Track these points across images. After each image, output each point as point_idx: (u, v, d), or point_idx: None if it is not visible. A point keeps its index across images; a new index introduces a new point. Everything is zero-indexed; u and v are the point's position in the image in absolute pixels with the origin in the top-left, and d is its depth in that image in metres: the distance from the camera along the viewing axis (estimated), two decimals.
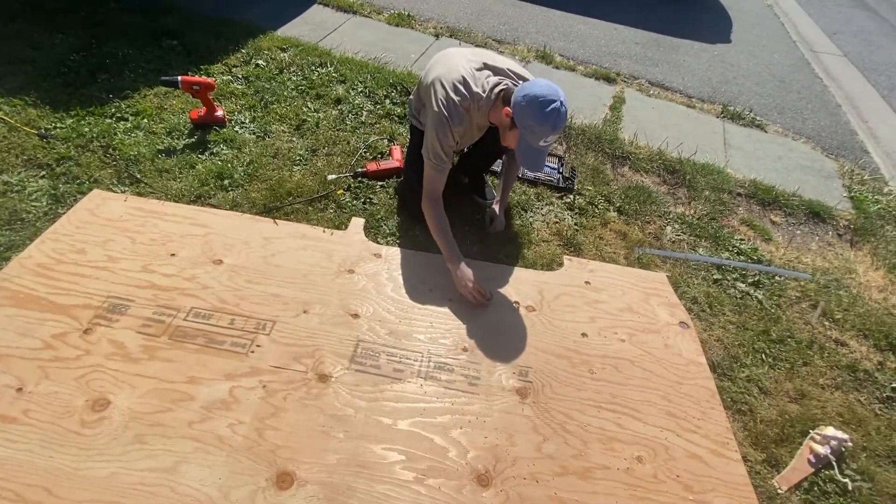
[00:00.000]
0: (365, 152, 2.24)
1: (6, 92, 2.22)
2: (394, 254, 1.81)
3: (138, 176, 1.95)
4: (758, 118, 3.18)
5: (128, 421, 1.24)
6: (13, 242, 1.64)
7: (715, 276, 1.97)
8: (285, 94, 2.51)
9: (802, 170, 2.78)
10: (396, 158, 2.16)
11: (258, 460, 1.21)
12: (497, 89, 1.56)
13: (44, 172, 1.91)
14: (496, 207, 1.95)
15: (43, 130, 2.06)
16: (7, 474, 1.12)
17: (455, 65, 1.59)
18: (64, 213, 1.75)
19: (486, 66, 1.61)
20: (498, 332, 1.60)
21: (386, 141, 2.33)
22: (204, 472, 1.17)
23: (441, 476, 1.24)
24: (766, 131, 3.10)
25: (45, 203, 1.80)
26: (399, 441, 1.29)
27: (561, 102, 1.41)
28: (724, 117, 3.14)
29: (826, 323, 1.88)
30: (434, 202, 1.66)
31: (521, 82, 1.58)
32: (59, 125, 2.11)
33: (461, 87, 1.54)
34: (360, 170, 2.10)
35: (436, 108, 1.55)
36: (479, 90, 1.55)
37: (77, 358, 1.35)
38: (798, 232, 2.35)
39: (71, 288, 1.51)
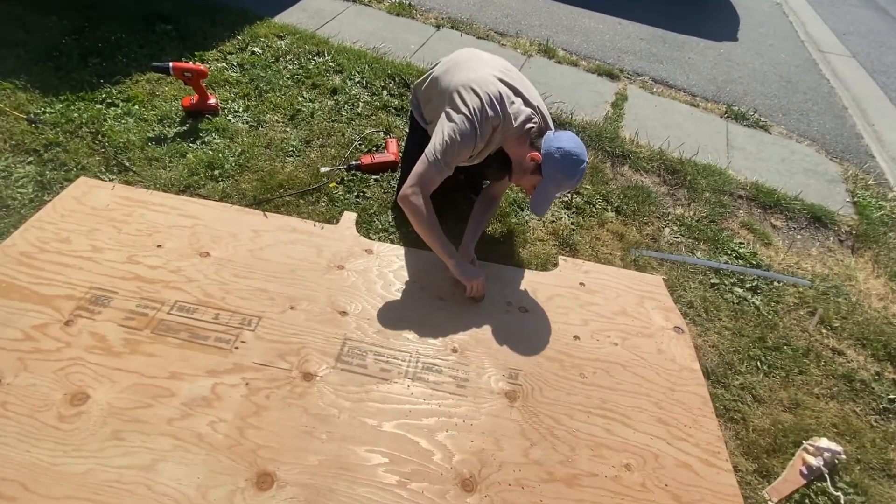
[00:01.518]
0: (360, 145, 2.20)
1: None
2: (386, 250, 1.77)
3: (127, 164, 1.91)
4: (762, 119, 3.13)
5: (106, 416, 1.21)
6: None
7: (712, 281, 1.94)
8: (280, 83, 2.46)
9: (805, 173, 2.73)
10: (392, 152, 2.12)
11: (238, 460, 1.18)
12: (528, 126, 1.49)
13: (31, 158, 1.87)
14: (468, 249, 1.72)
15: (32, 115, 2.02)
16: None
17: (488, 75, 1.49)
18: (50, 200, 1.72)
19: (518, 94, 1.52)
20: (488, 333, 1.57)
21: (382, 133, 2.29)
22: (182, 471, 1.15)
23: (425, 480, 1.21)
24: (769, 133, 3.05)
25: (31, 190, 1.76)
26: (383, 443, 1.27)
27: (587, 163, 1.48)
28: (727, 117, 3.08)
29: (824, 331, 1.85)
30: (425, 198, 1.54)
31: (546, 123, 1.54)
32: (48, 110, 2.07)
33: (497, 105, 1.45)
34: (354, 163, 2.06)
35: (467, 114, 1.43)
36: (512, 114, 1.48)
37: (57, 350, 1.32)
38: (799, 237, 2.31)
39: (54, 278, 1.48)
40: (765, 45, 4.21)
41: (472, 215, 1.80)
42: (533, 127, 1.50)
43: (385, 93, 2.55)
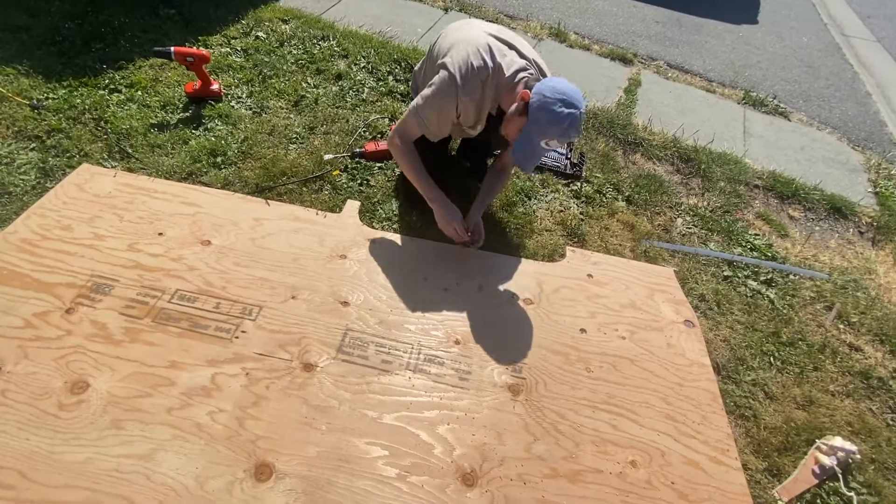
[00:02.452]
0: (364, 132, 2.16)
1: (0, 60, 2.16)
2: (389, 240, 1.74)
3: (129, 150, 1.89)
4: (781, 105, 3.02)
5: (106, 405, 1.21)
6: None
7: (725, 273, 1.88)
8: (285, 68, 2.42)
9: (826, 162, 2.63)
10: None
11: (237, 450, 1.17)
12: (522, 75, 1.41)
13: (34, 145, 1.86)
14: (471, 216, 1.68)
15: (35, 101, 2.00)
16: None
17: (477, 34, 1.45)
18: (52, 187, 1.71)
19: (511, 48, 1.45)
20: (492, 325, 1.54)
21: (387, 120, 2.24)
22: (181, 461, 1.14)
23: (425, 473, 1.20)
24: (789, 120, 2.94)
25: (33, 176, 1.75)
26: (383, 435, 1.25)
27: (581, 113, 1.33)
28: (745, 104, 2.98)
29: (841, 326, 1.79)
30: (407, 145, 1.54)
31: (543, 74, 1.46)
32: (51, 96, 2.05)
33: (484, 55, 1.39)
34: (358, 150, 2.02)
35: (451, 69, 1.38)
36: (504, 65, 1.40)
37: (58, 338, 1.31)
38: (817, 228, 2.23)
39: (55, 265, 1.47)
40: (786, 28, 4.06)
41: (482, 186, 1.78)
42: (527, 77, 1.41)
43: (391, 78, 2.49)
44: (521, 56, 1.46)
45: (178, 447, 1.16)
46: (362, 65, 2.53)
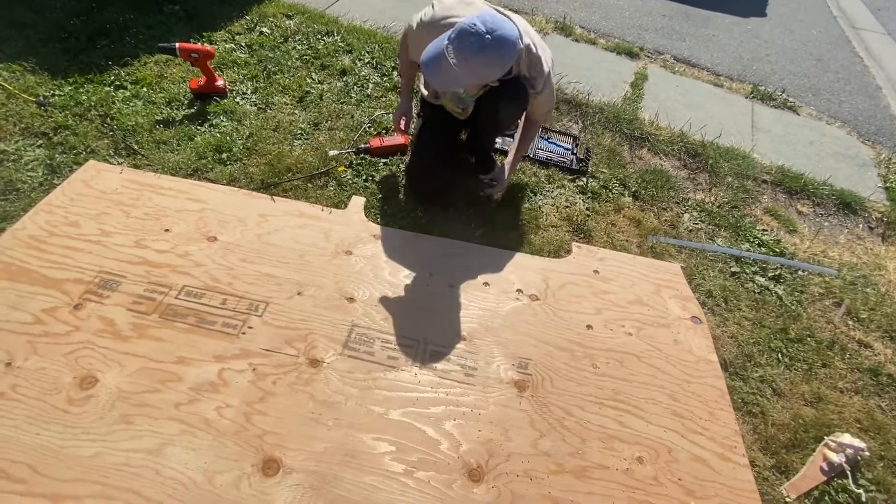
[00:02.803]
0: (369, 127, 2.15)
1: (6, 57, 2.17)
2: (394, 236, 1.74)
3: (135, 147, 1.90)
4: (790, 99, 2.98)
5: (114, 400, 1.22)
6: (7, 213, 1.61)
7: (733, 269, 1.86)
8: (289, 63, 2.41)
9: (835, 156, 2.60)
10: (402, 135, 2.06)
11: (244, 445, 1.18)
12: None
13: (41, 141, 1.87)
14: (505, 169, 1.87)
15: (41, 98, 2.01)
16: None
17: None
18: (59, 183, 1.71)
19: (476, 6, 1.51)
20: (498, 321, 1.53)
21: (390, 116, 2.23)
22: (189, 456, 1.15)
23: (431, 469, 1.20)
24: (798, 114, 2.90)
25: (40, 173, 1.76)
26: (390, 431, 1.25)
27: (483, 32, 1.26)
28: (753, 98, 2.94)
29: (850, 322, 1.77)
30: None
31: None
32: (57, 93, 2.06)
33: (458, 7, 1.50)
34: (363, 146, 2.01)
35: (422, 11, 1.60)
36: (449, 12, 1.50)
37: (66, 334, 1.32)
38: (826, 223, 2.21)
39: (63, 262, 1.48)
40: (795, 20, 4.00)
41: (512, 141, 1.95)
42: None
43: (395, 73, 2.48)
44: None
45: (187, 442, 1.17)
46: (367, 60, 2.52)
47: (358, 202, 1.83)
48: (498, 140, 2.15)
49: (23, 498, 1.05)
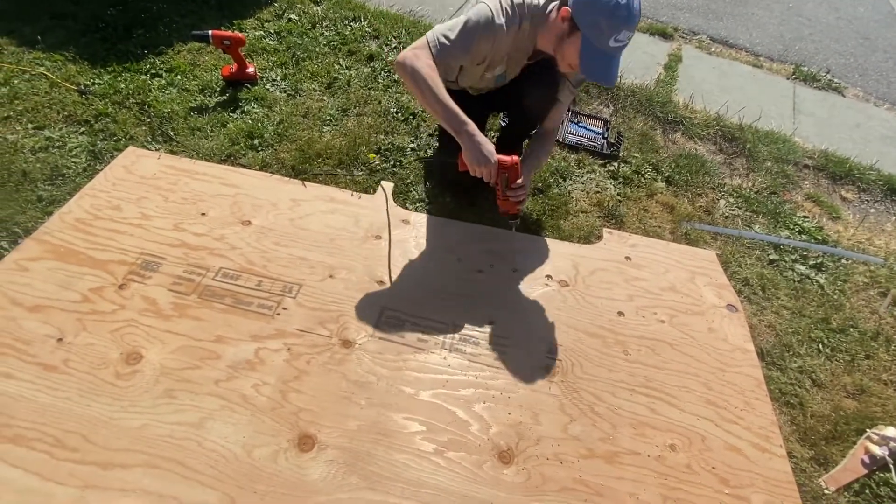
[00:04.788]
0: (396, 112, 2.15)
1: (48, 47, 2.24)
2: (422, 220, 1.74)
3: (171, 134, 1.95)
4: (835, 80, 2.84)
5: (158, 375, 1.27)
6: (55, 197, 1.68)
7: (771, 257, 1.80)
8: (317, 50, 2.42)
9: (883, 140, 2.47)
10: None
11: (281, 421, 1.22)
12: (552, 4, 1.34)
13: (83, 129, 1.94)
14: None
15: (82, 86, 2.08)
16: (49, 420, 1.17)
17: None
18: (101, 169, 1.78)
19: None
20: (527, 306, 1.53)
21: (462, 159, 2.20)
22: (229, 430, 1.19)
23: (462, 450, 1.21)
24: (843, 95, 2.76)
25: (84, 159, 1.83)
26: (420, 412, 1.27)
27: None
28: (795, 79, 2.81)
29: None
30: (421, 62, 1.31)
31: None
32: (97, 81, 2.12)
33: None
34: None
35: (486, 4, 1.33)
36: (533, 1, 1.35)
37: (112, 312, 1.38)
38: (872, 210, 2.11)
39: (107, 244, 1.54)
40: None
41: (525, 154, 1.65)
42: (556, 2, 1.34)
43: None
44: None
45: (226, 417, 1.21)
46: (394, 45, 2.51)
47: (387, 187, 1.83)
48: None
49: (76, 465, 1.11)
